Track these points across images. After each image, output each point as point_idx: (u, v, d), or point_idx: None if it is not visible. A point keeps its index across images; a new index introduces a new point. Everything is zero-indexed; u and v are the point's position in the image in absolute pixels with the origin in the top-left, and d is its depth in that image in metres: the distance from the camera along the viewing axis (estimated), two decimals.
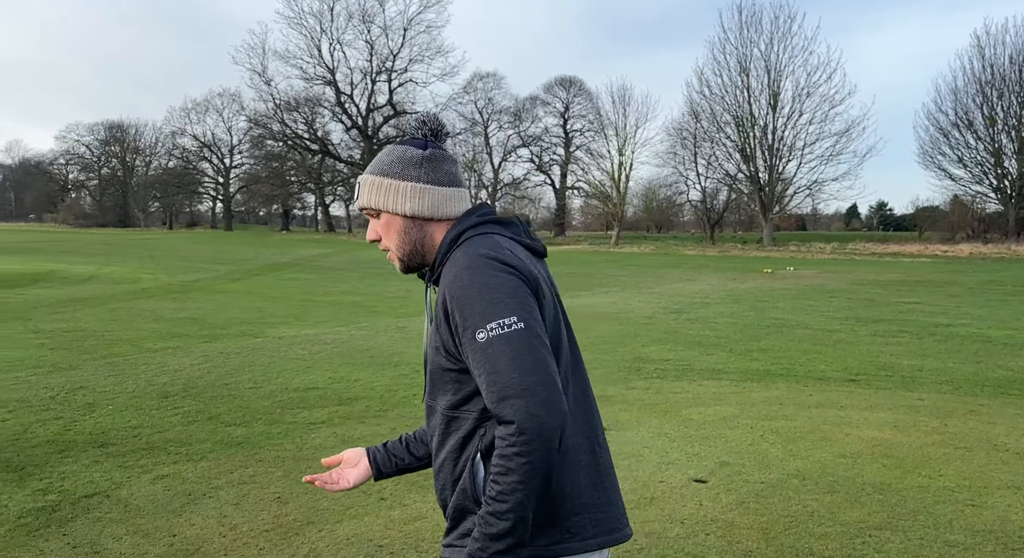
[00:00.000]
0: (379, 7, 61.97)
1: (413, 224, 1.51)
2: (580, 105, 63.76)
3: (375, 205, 1.52)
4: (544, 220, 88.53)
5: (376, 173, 1.53)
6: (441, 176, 1.51)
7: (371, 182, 1.52)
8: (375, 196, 1.51)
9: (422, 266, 1.54)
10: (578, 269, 27.39)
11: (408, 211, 1.50)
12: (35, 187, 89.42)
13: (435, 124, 1.55)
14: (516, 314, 1.29)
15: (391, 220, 1.52)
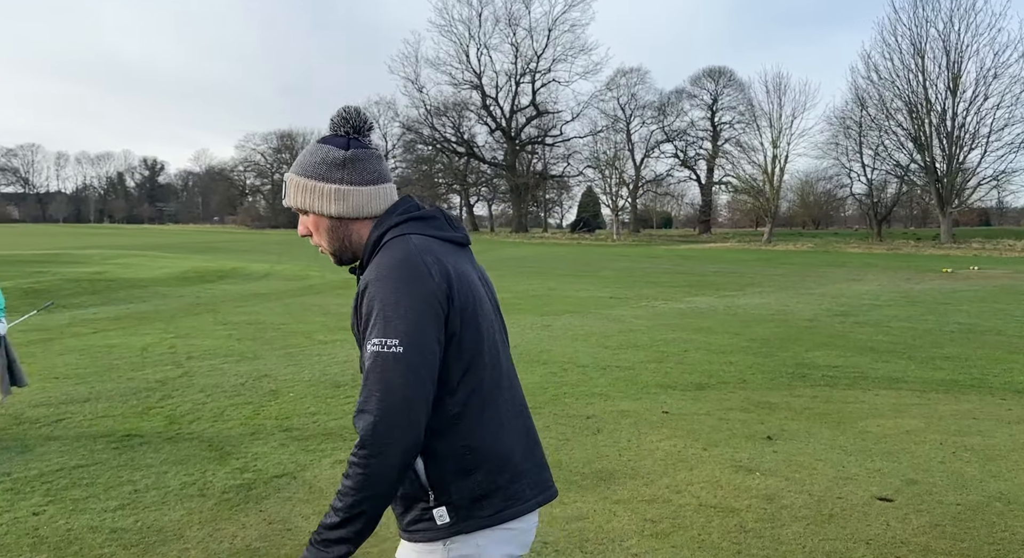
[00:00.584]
0: (525, 9, 63.03)
1: (340, 223, 1.55)
2: (730, 96, 61.12)
3: (302, 206, 1.55)
4: (688, 217, 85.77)
5: (300, 174, 1.54)
6: (364, 175, 1.53)
7: (296, 183, 1.55)
8: (301, 197, 1.54)
9: (354, 259, 1.58)
10: (727, 267, 26.26)
11: (333, 213, 1.53)
12: (218, 192, 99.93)
13: (357, 120, 1.56)
14: (400, 337, 1.35)
15: (318, 219, 1.55)
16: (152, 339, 9.46)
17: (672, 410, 5.77)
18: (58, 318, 11.66)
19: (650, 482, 4.11)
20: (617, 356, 8.22)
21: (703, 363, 7.84)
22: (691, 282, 19.92)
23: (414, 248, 1.46)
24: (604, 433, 5.08)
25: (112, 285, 16.13)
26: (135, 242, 42.18)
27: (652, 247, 44.88)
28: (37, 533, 3.35)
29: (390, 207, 1.56)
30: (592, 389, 6.53)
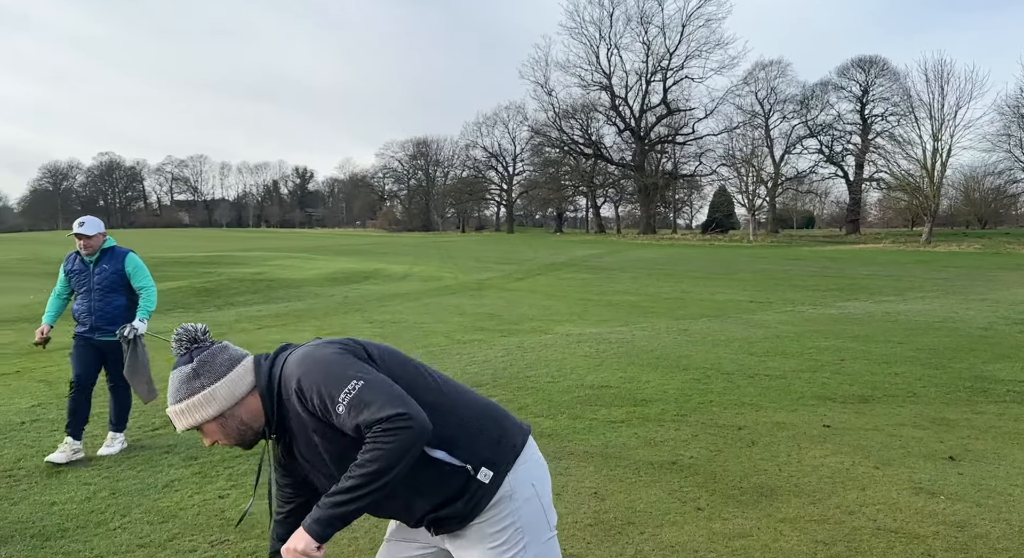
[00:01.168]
0: (658, 7, 61.89)
1: (225, 418, 1.70)
2: (882, 87, 56.59)
3: (191, 425, 1.71)
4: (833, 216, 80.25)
5: (173, 403, 1.71)
6: (218, 370, 1.70)
7: (176, 412, 1.71)
8: (186, 419, 1.71)
9: (258, 437, 1.75)
10: (882, 270, 24.29)
11: (215, 413, 1.70)
12: (360, 197, 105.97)
13: (189, 333, 1.74)
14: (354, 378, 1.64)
15: (207, 427, 1.71)
16: (309, 335, 10.11)
17: (833, 424, 5.36)
18: (227, 315, 12.80)
19: (817, 501, 3.83)
20: (765, 364, 7.80)
21: (864, 373, 7.25)
22: (841, 286, 18.60)
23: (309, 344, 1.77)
24: (759, 446, 4.81)
25: (272, 285, 17.50)
26: (288, 245, 45.60)
27: (793, 248, 42.42)
28: (224, 515, 3.65)
29: (255, 366, 1.76)
30: (741, 398, 6.22)
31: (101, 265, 4.71)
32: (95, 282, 4.66)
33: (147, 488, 4.01)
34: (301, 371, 1.66)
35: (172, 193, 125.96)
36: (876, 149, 53.02)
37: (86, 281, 4.68)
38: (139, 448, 4.76)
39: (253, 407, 1.73)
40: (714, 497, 3.88)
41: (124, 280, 4.74)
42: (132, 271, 4.76)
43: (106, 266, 4.70)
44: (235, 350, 1.77)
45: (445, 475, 1.71)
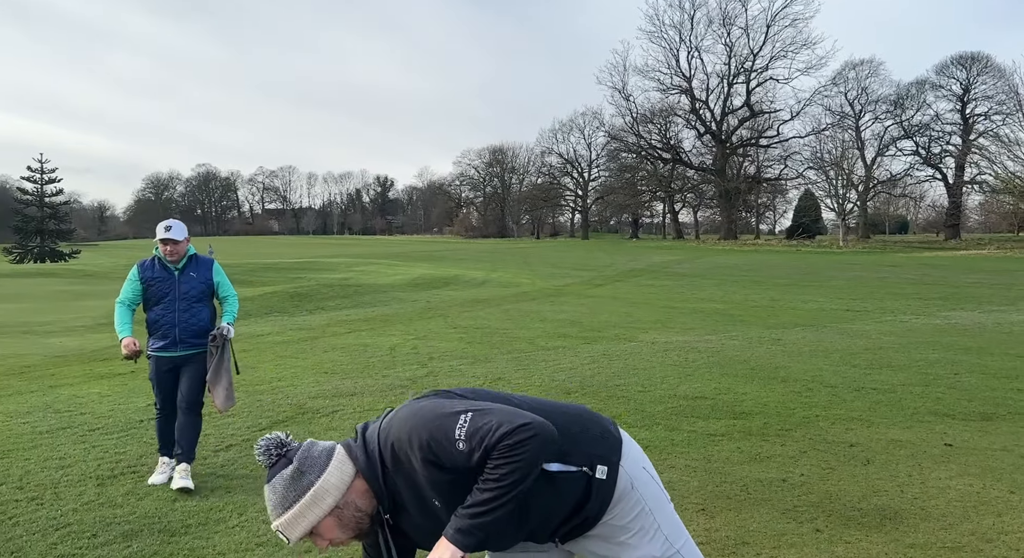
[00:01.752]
0: (741, 8, 60.40)
1: (340, 510, 1.64)
2: (986, 85, 53.27)
3: (309, 526, 1.63)
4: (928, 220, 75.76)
5: (283, 511, 1.63)
6: (318, 464, 1.64)
7: (290, 519, 1.63)
8: (301, 526, 1.63)
9: (372, 521, 1.68)
10: (989, 278, 22.73)
11: (332, 505, 1.63)
12: (438, 204, 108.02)
13: (275, 441, 1.67)
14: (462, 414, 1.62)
15: (323, 526, 1.64)
16: (397, 340, 10.33)
17: (956, 443, 5.01)
18: (318, 319, 13.24)
19: (948, 526, 3.56)
20: (870, 376, 7.39)
21: (982, 389, 6.76)
22: (944, 294, 17.50)
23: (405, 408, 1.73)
24: (876, 464, 4.54)
25: (359, 289, 18.02)
26: (371, 251, 46.90)
27: (888, 254, 40.31)
28: None
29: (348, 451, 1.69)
30: (848, 413, 5.91)
31: (187, 273, 4.33)
32: (181, 291, 4.27)
33: (260, 487, 4.15)
34: (409, 429, 1.63)
35: (263, 202, 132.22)
36: (979, 150, 49.83)
37: (170, 290, 4.25)
38: (247, 448, 4.94)
39: (362, 489, 1.67)
40: (832, 519, 3.68)
41: (211, 290, 4.41)
42: (220, 280, 4.46)
43: (193, 274, 4.34)
44: (322, 442, 1.74)
45: (568, 484, 1.70)
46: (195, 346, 4.30)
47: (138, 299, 4.33)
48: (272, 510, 1.64)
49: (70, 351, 9.69)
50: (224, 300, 4.51)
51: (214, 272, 4.44)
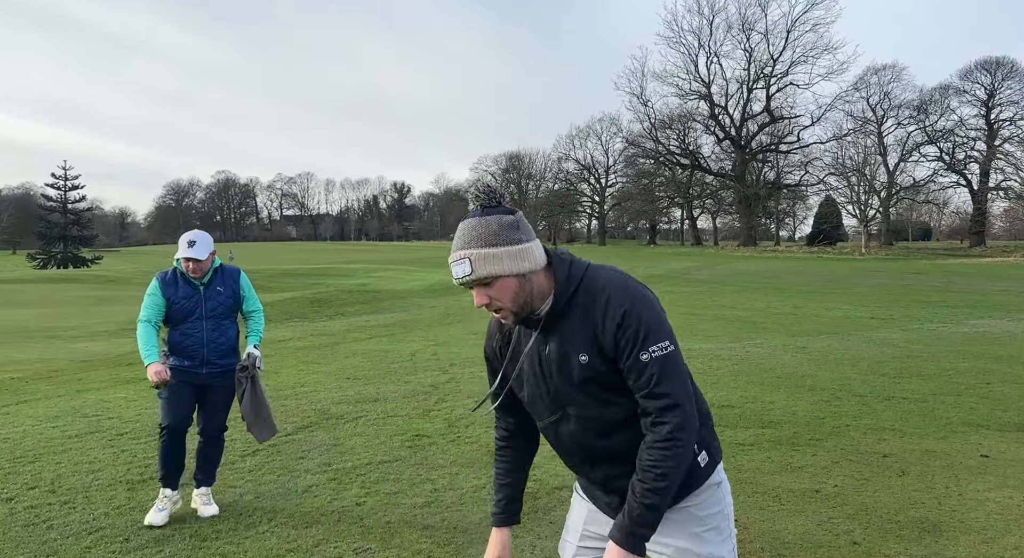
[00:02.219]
0: (761, 13, 60.13)
1: (525, 280, 1.61)
2: (1011, 89, 52.65)
3: (493, 273, 1.58)
4: (952, 227, 74.68)
5: (484, 246, 1.59)
6: (531, 232, 1.64)
7: (482, 256, 1.59)
8: (490, 267, 1.58)
9: (531, 313, 1.65)
10: (1016, 285, 22.35)
11: (525, 270, 1.60)
12: (454, 211, 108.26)
13: (495, 191, 1.65)
14: (670, 338, 1.60)
15: (505, 283, 1.60)
16: (417, 346, 10.33)
17: (992, 454, 4.89)
18: (338, 324, 13.29)
19: (989, 540, 3.47)
20: (900, 385, 7.26)
21: (1017, 399, 6.62)
22: (971, 302, 17.21)
23: (619, 271, 1.69)
24: (911, 476, 4.44)
25: (378, 295, 18.08)
26: (388, 257, 47.11)
27: (911, 261, 39.78)
28: (363, 522, 3.71)
29: (546, 253, 1.69)
30: (880, 423, 5.80)
31: (214, 287, 3.94)
32: (208, 309, 3.88)
33: (288, 493, 4.15)
34: (630, 299, 1.60)
35: (281, 208, 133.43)
36: (1004, 156, 49.13)
37: (196, 308, 3.86)
38: (274, 453, 4.95)
39: (545, 284, 1.65)
40: (869, 531, 3.60)
41: (239, 304, 4.04)
42: (247, 294, 4.07)
43: (220, 289, 3.94)
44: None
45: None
46: (222, 367, 3.93)
47: (162, 316, 3.89)
48: (471, 241, 1.60)
49: (96, 356, 9.79)
50: (249, 316, 4.13)
51: (241, 285, 4.05)
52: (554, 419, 1.71)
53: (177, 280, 3.90)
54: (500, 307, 1.62)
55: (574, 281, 1.66)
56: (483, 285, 1.60)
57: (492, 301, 1.61)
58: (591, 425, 1.67)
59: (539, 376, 1.69)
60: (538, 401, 1.72)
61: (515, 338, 1.76)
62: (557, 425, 1.72)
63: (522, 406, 1.82)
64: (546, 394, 1.69)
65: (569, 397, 1.66)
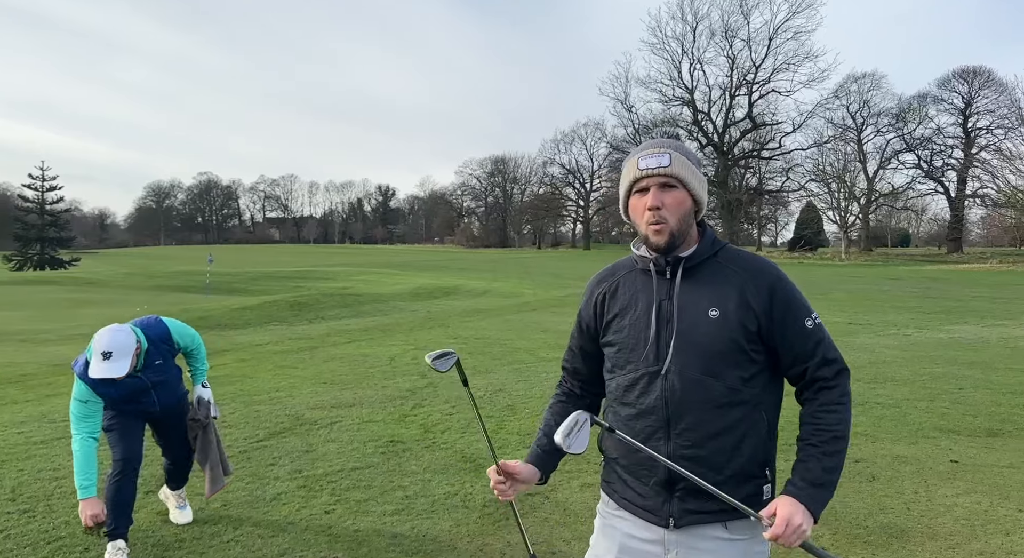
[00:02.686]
0: (743, 20, 60.54)
1: (691, 211, 1.65)
2: (987, 99, 53.44)
3: (683, 179, 1.62)
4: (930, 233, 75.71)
5: (686, 156, 1.65)
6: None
7: (684, 162, 1.63)
8: (685, 172, 1.63)
9: (677, 247, 1.65)
10: (991, 292, 22.65)
11: (702, 199, 1.67)
12: (439, 214, 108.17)
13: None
14: (815, 313, 1.66)
15: (684, 200, 1.63)
16: (397, 350, 10.27)
17: (962, 459, 4.94)
18: (318, 328, 13.18)
19: (956, 545, 3.49)
20: (874, 391, 7.32)
21: (988, 404, 6.69)
22: (947, 308, 17.42)
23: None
24: (881, 481, 4.47)
25: (359, 299, 17.96)
26: (371, 260, 46.90)
27: (890, 267, 40.25)
28: (330, 531, 3.66)
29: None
30: (853, 428, 5.80)
31: (152, 364, 3.44)
32: (154, 382, 3.47)
33: (256, 501, 4.09)
34: (776, 272, 1.66)
35: (264, 211, 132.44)
36: (980, 164, 49.92)
37: (141, 389, 3.45)
38: (245, 460, 4.88)
39: (695, 232, 1.71)
40: (838, 536, 3.61)
41: (175, 354, 3.62)
42: (182, 341, 3.62)
43: (159, 362, 3.48)
44: None
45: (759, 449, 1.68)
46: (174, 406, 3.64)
47: (100, 421, 3.33)
48: (672, 146, 1.64)
49: (68, 360, 9.62)
50: (189, 355, 3.71)
51: (173, 339, 3.55)
52: (651, 371, 1.64)
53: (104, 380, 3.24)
54: (665, 219, 1.62)
55: (719, 243, 1.71)
56: (665, 187, 1.62)
57: (664, 208, 1.61)
58: (689, 388, 1.60)
59: (656, 320, 1.64)
60: (642, 347, 1.65)
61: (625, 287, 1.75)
62: (651, 379, 1.64)
63: (597, 367, 1.81)
64: (654, 341, 1.64)
65: (682, 349, 1.61)
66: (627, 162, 1.70)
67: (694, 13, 63.00)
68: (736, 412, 1.60)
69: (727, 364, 1.60)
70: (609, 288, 1.78)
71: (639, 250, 1.74)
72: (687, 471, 1.57)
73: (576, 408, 1.74)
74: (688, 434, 1.60)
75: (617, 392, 1.72)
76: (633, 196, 1.67)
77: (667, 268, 1.67)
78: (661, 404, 1.63)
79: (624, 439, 1.62)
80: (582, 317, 1.83)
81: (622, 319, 1.71)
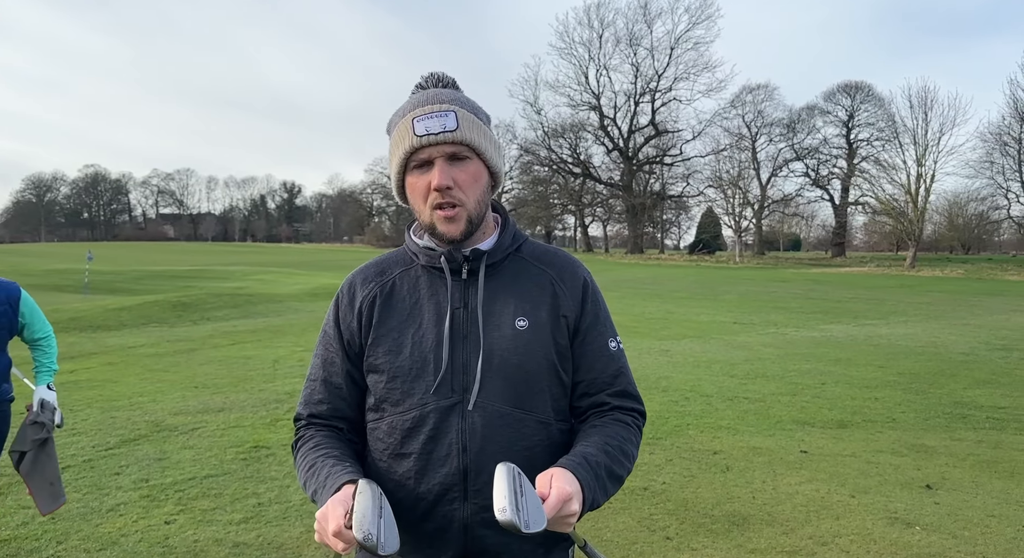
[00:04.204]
0: (647, 29, 62.60)
1: (488, 187, 1.29)
2: (868, 112, 57.50)
3: (476, 145, 1.23)
4: (818, 239, 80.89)
5: (475, 113, 1.26)
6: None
7: (474, 122, 1.24)
8: (481, 138, 1.24)
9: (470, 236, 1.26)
10: (866, 294, 24.37)
11: (498, 168, 1.29)
12: (348, 213, 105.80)
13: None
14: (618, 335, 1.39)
15: (480, 172, 1.26)
16: (284, 352, 9.92)
17: (811, 450, 5.24)
18: (201, 330, 12.54)
19: (790, 531, 3.69)
20: (745, 386, 7.68)
21: (844, 398, 7.16)
22: (825, 309, 18.60)
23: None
24: (734, 472, 4.68)
25: (251, 299, 17.23)
26: (274, 260, 45.25)
27: (779, 270, 42.61)
28: (167, 542, 3.45)
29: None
30: (718, 422, 6.10)
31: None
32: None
33: (90, 512, 3.81)
34: (586, 272, 1.37)
35: (158, 206, 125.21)
36: (861, 173, 53.63)
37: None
38: (87, 469, 4.54)
39: (490, 219, 1.34)
40: (684, 526, 3.74)
41: (12, 332, 3.04)
42: (29, 318, 3.08)
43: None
44: None
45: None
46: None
47: None
48: (455, 100, 1.24)
49: None
50: (34, 346, 3.13)
51: (22, 308, 3.03)
52: (442, 406, 1.23)
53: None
54: (459, 202, 1.23)
55: (521, 235, 1.37)
56: (455, 159, 1.22)
57: (456, 188, 1.22)
58: (493, 426, 1.22)
59: (445, 340, 1.24)
60: (430, 373, 1.24)
61: (402, 291, 1.32)
62: (443, 416, 1.22)
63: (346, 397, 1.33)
64: (448, 364, 1.24)
65: (487, 375, 1.23)
66: (397, 124, 1.26)
67: (600, 20, 64.51)
68: (545, 456, 1.24)
69: (539, 392, 1.25)
70: (381, 290, 1.33)
71: (421, 240, 1.33)
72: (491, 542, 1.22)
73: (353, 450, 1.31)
74: (489, 491, 1.11)
75: (390, 439, 1.26)
76: (411, 174, 1.25)
77: (464, 265, 1.28)
78: (457, 451, 1.22)
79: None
80: (343, 332, 1.33)
81: (399, 335, 1.27)
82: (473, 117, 1.25)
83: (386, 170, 1.41)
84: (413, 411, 1.24)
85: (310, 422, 1.34)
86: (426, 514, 1.24)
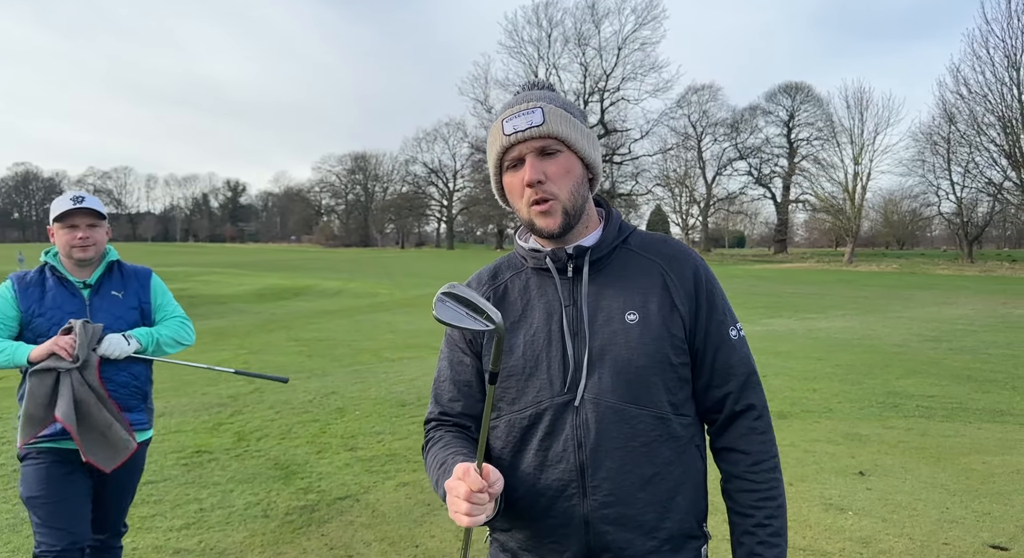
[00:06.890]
0: (595, 29, 63.18)
1: (584, 180, 1.29)
2: (807, 112, 59.41)
3: (566, 137, 1.24)
4: (762, 236, 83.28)
5: (565, 108, 1.27)
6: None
7: (558, 113, 1.24)
8: (571, 131, 1.25)
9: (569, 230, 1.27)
10: (806, 288, 25.19)
11: (593, 159, 1.29)
12: (296, 212, 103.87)
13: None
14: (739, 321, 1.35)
15: (573, 164, 1.26)
16: (227, 355, 9.69)
17: None
18: None
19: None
20: None
21: (784, 390, 7.40)
22: (767, 303, 19.16)
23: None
24: None
25: (194, 301, 16.78)
26: (217, 260, 44.07)
27: (725, 266, 43.67)
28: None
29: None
30: None
31: (107, 292, 2.48)
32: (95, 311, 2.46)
33: (20, 523, 3.64)
34: (701, 260, 1.33)
35: None
36: (801, 172, 55.42)
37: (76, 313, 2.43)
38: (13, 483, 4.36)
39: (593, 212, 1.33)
40: None
41: (147, 320, 2.58)
42: (161, 300, 2.64)
43: (116, 293, 2.49)
44: None
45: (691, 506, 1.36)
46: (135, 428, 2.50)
47: (13, 328, 2.37)
48: (542, 97, 1.26)
49: None
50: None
51: (152, 289, 2.60)
52: (557, 403, 1.24)
53: (45, 281, 2.40)
54: (552, 196, 1.23)
55: (627, 227, 1.34)
56: (544, 154, 1.24)
57: (548, 182, 1.23)
58: (607, 422, 1.21)
59: (560, 337, 1.25)
60: (543, 372, 1.25)
61: (513, 293, 1.34)
62: (558, 413, 1.23)
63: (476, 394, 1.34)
64: (560, 362, 1.24)
65: (597, 371, 1.22)
66: (492, 130, 1.30)
67: (549, 20, 64.81)
68: (667, 452, 1.23)
69: (653, 386, 1.23)
70: (494, 293, 1.35)
71: (527, 243, 1.35)
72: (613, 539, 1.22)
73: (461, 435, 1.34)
74: (608, 486, 1.20)
75: (508, 437, 1.28)
76: (506, 174, 1.28)
77: (569, 263, 1.29)
78: (573, 447, 1.23)
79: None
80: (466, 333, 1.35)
81: (513, 336, 1.29)
82: (562, 111, 1.26)
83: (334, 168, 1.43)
84: (529, 409, 1.26)
85: (440, 422, 1.37)
86: (547, 509, 1.24)
